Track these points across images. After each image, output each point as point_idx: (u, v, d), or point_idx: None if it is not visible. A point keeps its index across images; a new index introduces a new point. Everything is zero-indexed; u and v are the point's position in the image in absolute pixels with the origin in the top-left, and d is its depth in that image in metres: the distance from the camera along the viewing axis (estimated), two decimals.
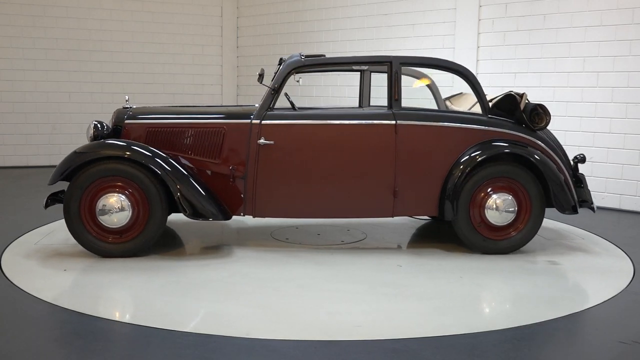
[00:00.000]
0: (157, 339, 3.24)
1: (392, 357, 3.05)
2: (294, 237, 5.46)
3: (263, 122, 4.88)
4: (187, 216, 4.75)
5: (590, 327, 3.61)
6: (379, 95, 5.81)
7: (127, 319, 3.49)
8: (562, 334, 3.42)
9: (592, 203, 5.19)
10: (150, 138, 4.99)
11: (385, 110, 5.01)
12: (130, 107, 5.22)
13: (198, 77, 10.43)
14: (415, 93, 5.99)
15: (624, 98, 6.76)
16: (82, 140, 5.29)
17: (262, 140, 4.84)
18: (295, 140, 4.91)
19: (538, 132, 5.06)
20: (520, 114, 4.98)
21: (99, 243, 4.68)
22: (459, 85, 5.55)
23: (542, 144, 5.03)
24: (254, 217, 4.97)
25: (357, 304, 3.84)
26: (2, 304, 3.74)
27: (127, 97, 5.41)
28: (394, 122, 4.90)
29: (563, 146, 5.36)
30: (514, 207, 4.90)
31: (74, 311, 3.60)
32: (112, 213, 4.60)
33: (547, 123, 5.00)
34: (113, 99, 10.04)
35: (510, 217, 4.91)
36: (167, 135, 5.02)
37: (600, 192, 6.93)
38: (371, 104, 6.00)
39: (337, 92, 9.04)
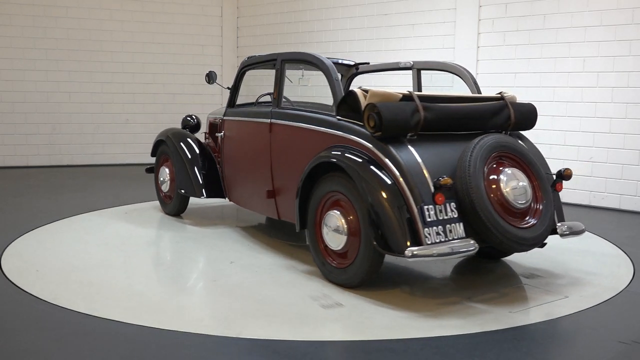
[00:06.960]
0: (157, 339, 3.24)
1: (391, 357, 3.05)
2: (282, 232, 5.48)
3: (224, 117, 5.68)
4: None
5: (590, 327, 3.61)
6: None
7: (127, 319, 3.48)
8: (562, 334, 3.41)
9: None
10: (210, 130, 6.09)
11: (268, 109, 4.92)
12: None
13: (198, 77, 10.39)
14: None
15: (624, 98, 6.76)
16: (82, 139, 5.63)
17: (217, 134, 5.75)
18: (228, 136, 5.60)
19: (385, 141, 3.79)
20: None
21: (162, 202, 6.34)
22: (459, 85, 5.53)
23: (383, 157, 3.74)
24: (229, 200, 5.79)
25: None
26: (2, 304, 3.75)
27: None
28: (269, 120, 4.81)
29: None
30: (341, 229, 3.92)
31: (74, 311, 3.59)
32: (162, 183, 6.27)
33: (380, 129, 3.72)
34: (113, 99, 10.07)
35: (338, 240, 3.96)
36: (211, 128, 6.07)
37: (601, 192, 6.94)
38: None
39: None
